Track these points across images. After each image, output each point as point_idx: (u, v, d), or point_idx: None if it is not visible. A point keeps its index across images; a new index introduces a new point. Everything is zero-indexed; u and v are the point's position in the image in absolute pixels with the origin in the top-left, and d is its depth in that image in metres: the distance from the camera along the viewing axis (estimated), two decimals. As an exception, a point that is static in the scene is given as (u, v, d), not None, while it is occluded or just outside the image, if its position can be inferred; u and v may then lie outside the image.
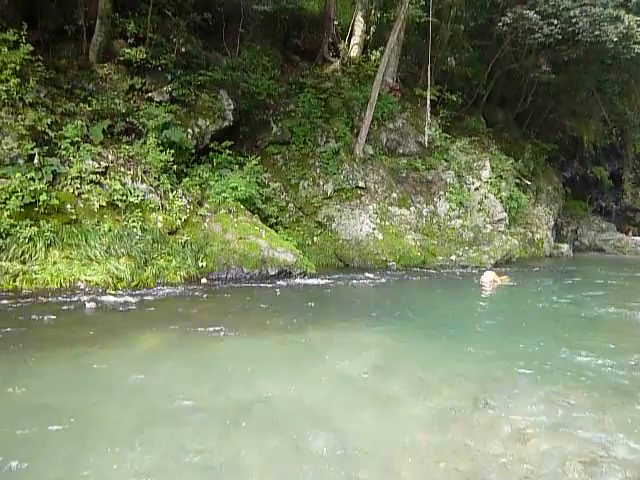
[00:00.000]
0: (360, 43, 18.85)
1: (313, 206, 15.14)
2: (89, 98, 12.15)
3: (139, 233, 10.22)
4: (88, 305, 7.87)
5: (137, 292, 9.16)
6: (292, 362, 5.92)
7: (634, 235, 26.65)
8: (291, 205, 15.06)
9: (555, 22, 16.82)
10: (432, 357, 6.19)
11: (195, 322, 7.41)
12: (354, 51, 18.75)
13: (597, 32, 16.78)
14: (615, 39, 16.97)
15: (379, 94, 17.02)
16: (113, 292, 9.00)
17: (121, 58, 13.33)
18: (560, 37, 17.11)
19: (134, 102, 13.22)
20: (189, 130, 13.82)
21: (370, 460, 3.69)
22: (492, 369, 5.68)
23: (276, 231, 13.84)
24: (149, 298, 8.85)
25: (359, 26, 18.78)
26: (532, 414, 4.43)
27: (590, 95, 23.40)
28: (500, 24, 16.92)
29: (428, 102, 16.38)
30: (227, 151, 14.11)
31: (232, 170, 13.79)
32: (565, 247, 20.72)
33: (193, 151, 13.57)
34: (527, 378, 5.36)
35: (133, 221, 10.35)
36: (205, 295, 9.45)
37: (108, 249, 9.75)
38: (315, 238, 14.78)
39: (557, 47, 18.19)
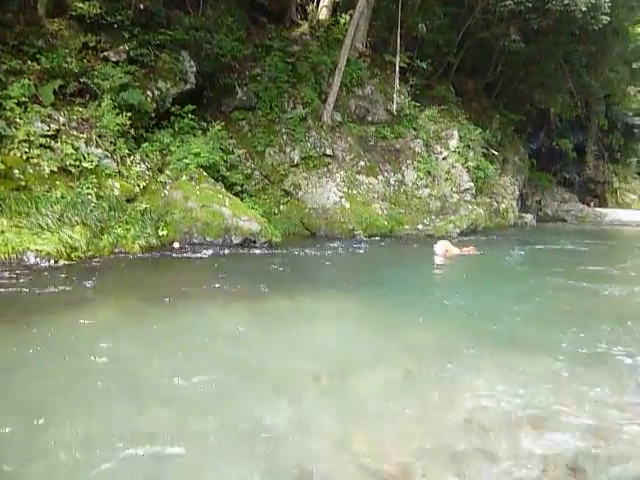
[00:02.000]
0: (329, 5, 18.18)
1: (279, 174, 14.75)
2: (38, 56, 11.30)
3: (94, 200, 9.68)
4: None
5: (93, 262, 8.72)
6: (253, 332, 5.68)
7: (598, 206, 27.29)
8: (257, 173, 14.62)
9: (526, -11, 16.55)
10: (385, 327, 6.05)
11: (157, 292, 7.08)
12: (323, 14, 18.08)
13: (567, 1, 16.59)
14: (584, 9, 16.84)
15: (348, 59, 16.51)
16: (67, 262, 8.54)
17: (73, 13, 12.43)
18: (530, 5, 16.87)
19: (88, 61, 12.38)
20: (148, 93, 13.09)
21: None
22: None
23: (241, 199, 13.42)
24: (107, 267, 8.45)
25: (328, -13, 18.06)
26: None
27: (558, 67, 23.38)
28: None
29: (397, 69, 16.00)
30: (190, 116, 13.48)
31: (195, 136, 13.19)
32: (529, 217, 20.96)
33: (153, 115, 12.89)
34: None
35: (88, 188, 9.79)
36: (166, 264, 9.09)
37: (61, 217, 9.19)
38: (281, 207, 14.45)
39: (527, 16, 17.95)
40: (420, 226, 15.14)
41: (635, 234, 20.60)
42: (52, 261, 8.39)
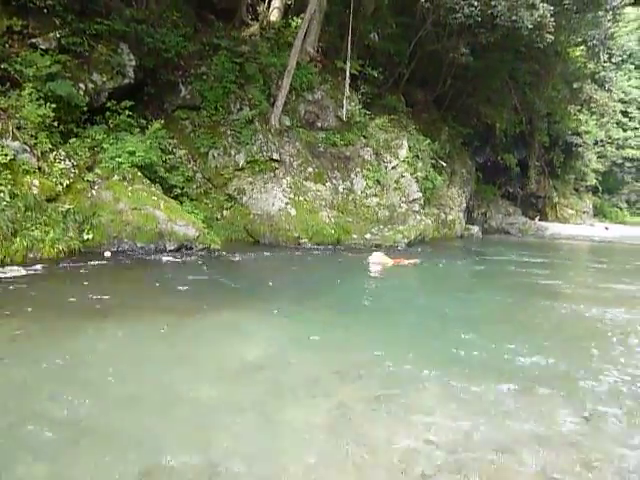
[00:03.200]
0: (281, 7, 17.60)
1: (223, 177, 13.95)
2: (-49, 37, 10.07)
3: (7, 199, 8.58)
4: None
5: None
6: (164, 353, 4.92)
7: (540, 220, 27.93)
8: (199, 175, 13.77)
9: (475, 3, 16.57)
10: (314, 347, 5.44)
11: (64, 305, 6.17)
12: (274, 15, 17.47)
13: (514, 17, 16.72)
14: (530, 26, 17.02)
15: (298, 63, 15.97)
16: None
17: (-3, -6, 11.22)
18: (480, 19, 16.89)
19: (11, 47, 11.23)
20: (81, 85, 12.04)
21: None
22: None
23: (181, 203, 12.55)
24: (14, 275, 7.42)
25: (280, -12, 17.49)
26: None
27: (504, 83, 23.80)
28: (423, 0, 16.35)
29: (347, 73, 15.61)
30: (127, 112, 12.49)
31: (132, 133, 12.23)
32: (475, 229, 21.06)
33: (85, 109, 11.81)
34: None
35: (1, 184, 8.69)
36: (85, 272, 8.12)
37: (-35, 216, 8.07)
38: (225, 212, 13.67)
39: (477, 30, 18.00)
40: (368, 235, 14.71)
41: (573, 248, 21.07)
42: (-52, 267, 7.28)
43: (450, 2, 16.29)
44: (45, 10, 11.80)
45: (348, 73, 15.68)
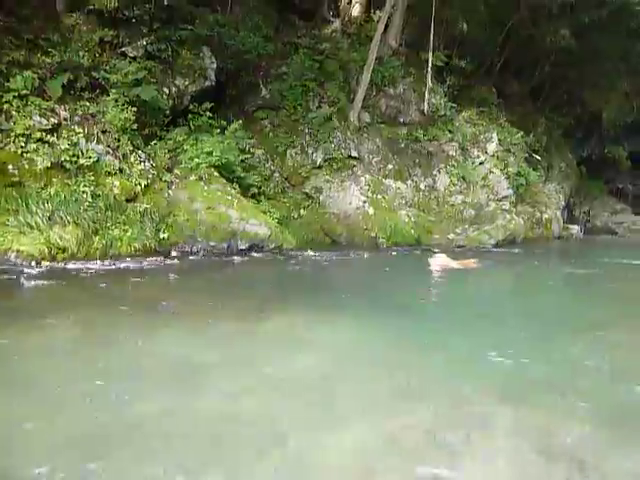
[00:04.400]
0: (362, 2, 17.01)
1: (301, 176, 13.67)
2: (49, 49, 10.71)
3: (89, 199, 8.90)
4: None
5: (80, 265, 7.91)
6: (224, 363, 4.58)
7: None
8: (276, 174, 13.60)
9: (578, -21, 14.81)
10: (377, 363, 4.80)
11: (128, 303, 6.14)
12: (356, 10, 16.93)
13: (624, -9, 14.73)
14: (644, 0, 14.91)
15: (380, 57, 15.30)
16: (49, 264, 7.76)
17: (91, 7, 11.82)
18: (583, -3, 15.08)
19: (104, 56, 11.75)
20: (165, 89, 12.35)
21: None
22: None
23: (258, 202, 12.46)
24: (90, 272, 7.61)
25: (362, -18, 16.90)
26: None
27: (613, 68, 21.18)
28: (516, -20, 14.90)
29: (429, 63, 14.63)
30: (208, 114, 12.60)
31: (212, 135, 12.32)
32: (575, 228, 18.94)
33: (168, 112, 12.10)
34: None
35: (84, 185, 9.04)
36: (158, 271, 8.17)
37: (52, 216, 8.47)
38: (301, 211, 13.35)
39: (580, 9, 16.12)
40: (451, 236, 13.68)
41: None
42: (33, 263, 7.63)
43: (547, -20, 14.66)
44: (134, 20, 12.27)
45: (430, 63, 14.70)
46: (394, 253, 11.87)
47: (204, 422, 3.38)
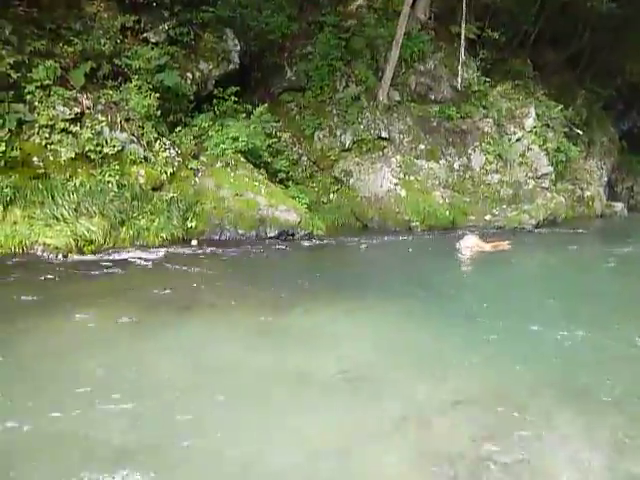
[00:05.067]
0: (388, -26, 16.12)
1: (329, 159, 13.16)
2: (71, 38, 10.43)
3: (115, 189, 8.65)
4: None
5: (108, 257, 7.67)
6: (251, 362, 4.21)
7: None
8: (304, 158, 13.13)
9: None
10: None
11: (150, 295, 5.84)
12: (382, -16, 16.06)
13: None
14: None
15: (408, 32, 14.50)
16: (79, 256, 7.55)
17: (111, -7, 11.48)
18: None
19: (126, 43, 11.43)
20: (188, 74, 11.97)
21: None
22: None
23: (286, 187, 12.03)
24: (119, 263, 7.36)
25: (388, -46, 16.00)
26: None
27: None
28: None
29: (462, 37, 13.80)
30: (233, 98, 12.19)
31: (237, 120, 11.91)
32: (619, 206, 17.87)
33: (192, 98, 11.73)
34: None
35: (109, 175, 8.79)
36: (186, 260, 7.87)
37: (78, 207, 8.26)
38: (331, 195, 12.89)
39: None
40: (488, 217, 12.99)
41: None
42: (60, 256, 7.42)
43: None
44: (154, 4, 11.87)
45: (463, 36, 13.89)
46: (429, 236, 11.30)
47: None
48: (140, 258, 7.59)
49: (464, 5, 14.06)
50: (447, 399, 3.57)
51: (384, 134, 13.26)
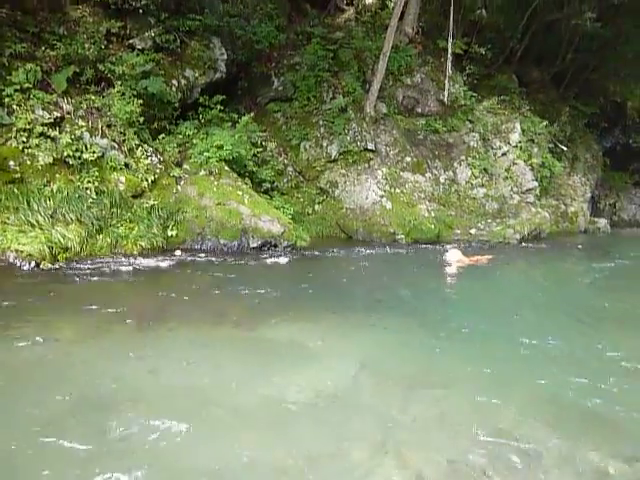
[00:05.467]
0: (377, -12, 16.25)
1: (315, 170, 13.04)
2: (54, 42, 10.23)
3: (93, 195, 8.41)
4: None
5: (82, 266, 7.40)
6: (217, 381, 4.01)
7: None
8: (290, 169, 13.01)
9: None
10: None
11: (121, 307, 5.59)
12: (370, -2, 16.18)
13: (656, -31, 13.75)
14: (678, -22, 13.91)
15: (396, 46, 14.57)
16: (52, 265, 7.28)
17: (97, -1, 11.31)
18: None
19: (111, 49, 11.24)
20: (174, 82, 11.80)
21: None
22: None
23: (271, 197, 11.89)
24: (91, 273, 7.10)
25: (376, -31, 16.14)
26: None
27: (638, 54, 20.09)
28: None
29: (449, 51, 13.87)
30: (218, 107, 12.05)
31: (222, 128, 11.76)
32: (602, 222, 18.00)
33: (177, 105, 11.56)
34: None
35: (88, 181, 8.55)
36: (163, 270, 7.64)
37: (54, 213, 7.99)
38: (316, 206, 12.76)
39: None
40: (473, 230, 12.94)
41: None
42: (33, 263, 7.14)
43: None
44: (141, 11, 11.73)
45: (450, 50, 13.94)
46: (411, 249, 11.19)
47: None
48: (114, 267, 7.33)
49: (451, 20, 14.14)
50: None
51: (370, 146, 13.19)
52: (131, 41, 11.67)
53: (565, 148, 17.28)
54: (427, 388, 3.95)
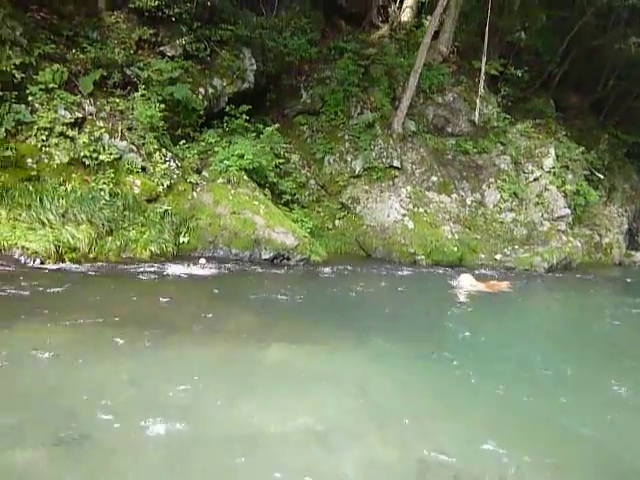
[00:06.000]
0: (413, 6, 15.97)
1: (338, 185, 12.69)
2: (85, 45, 10.31)
3: (106, 197, 8.28)
4: None
5: (86, 267, 7.23)
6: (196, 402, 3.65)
7: None
8: (312, 182, 12.70)
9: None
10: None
11: (112, 316, 5.33)
12: (406, 15, 15.91)
13: None
14: None
15: (430, 64, 14.23)
16: (57, 264, 7.13)
17: (131, 6, 11.41)
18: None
19: (141, 55, 11.30)
20: (201, 89, 11.77)
21: None
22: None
23: (290, 210, 11.59)
24: (91, 276, 6.90)
25: (413, -14, 15.90)
26: None
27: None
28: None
29: (482, 69, 13.39)
30: (244, 116, 11.92)
31: (247, 138, 11.58)
32: (639, 255, 16.94)
33: (202, 113, 11.47)
34: None
35: (103, 183, 8.44)
36: (167, 279, 7.39)
37: (65, 213, 7.88)
38: (337, 221, 12.38)
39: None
40: (499, 256, 12.28)
41: None
42: (38, 261, 7.00)
43: (619, -19, 13.17)
44: (174, 19, 11.78)
45: (483, 69, 13.46)
46: (429, 270, 10.65)
47: None
48: (120, 271, 7.12)
49: (486, 40, 13.69)
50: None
51: (396, 163, 12.78)
52: (162, 48, 11.72)
53: (602, 177, 16.42)
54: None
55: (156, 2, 11.35)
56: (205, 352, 4.63)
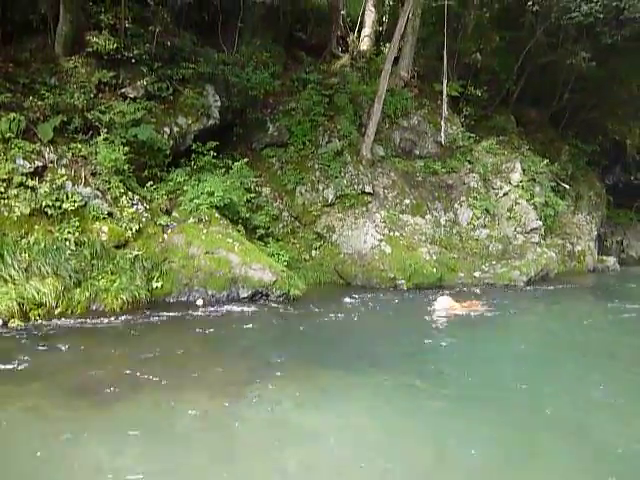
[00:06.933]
0: (371, 35, 16.26)
1: (311, 215, 12.52)
2: (43, 92, 10.00)
3: (72, 247, 7.86)
4: None
5: (53, 324, 6.77)
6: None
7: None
8: (285, 214, 12.49)
9: (596, -3, 13.76)
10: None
11: (88, 374, 4.92)
12: (365, 44, 16.16)
13: (647, 8, 13.61)
14: (670, 17, 13.75)
15: (392, 89, 14.39)
16: (22, 323, 6.65)
17: (90, 50, 11.19)
18: (602, 16, 13.95)
19: (102, 98, 11.03)
20: (165, 129, 11.51)
21: None
22: None
23: (265, 244, 11.33)
24: (56, 335, 6.44)
25: (370, 16, 16.20)
26: None
27: (635, 92, 19.89)
28: (530, 3, 13.96)
29: (444, 91, 13.60)
30: (212, 153, 11.69)
31: (216, 175, 11.34)
32: (611, 260, 17.22)
33: (168, 152, 11.19)
34: None
35: (68, 232, 8.03)
36: (139, 326, 6.98)
37: (29, 267, 7.43)
38: (313, 252, 12.16)
39: (598, 30, 15.02)
40: (477, 273, 12.23)
41: None
42: (0, 322, 6.52)
43: (564, 0, 13.66)
44: (134, 60, 11.59)
45: (444, 91, 13.68)
46: (409, 295, 10.49)
47: None
48: (87, 326, 6.69)
49: (445, 63, 13.96)
50: None
51: (368, 189, 12.73)
52: (123, 90, 11.47)
53: (568, 186, 16.75)
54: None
55: (114, 45, 11.17)
56: (207, 400, 4.27)
